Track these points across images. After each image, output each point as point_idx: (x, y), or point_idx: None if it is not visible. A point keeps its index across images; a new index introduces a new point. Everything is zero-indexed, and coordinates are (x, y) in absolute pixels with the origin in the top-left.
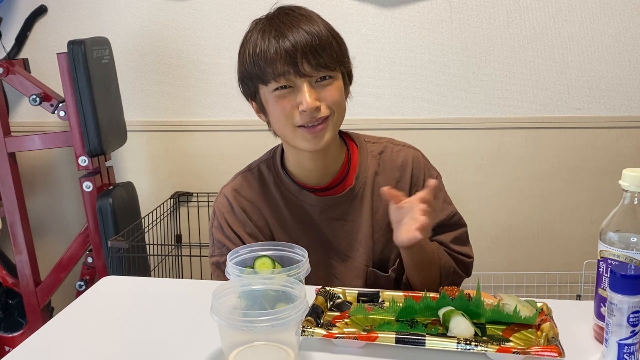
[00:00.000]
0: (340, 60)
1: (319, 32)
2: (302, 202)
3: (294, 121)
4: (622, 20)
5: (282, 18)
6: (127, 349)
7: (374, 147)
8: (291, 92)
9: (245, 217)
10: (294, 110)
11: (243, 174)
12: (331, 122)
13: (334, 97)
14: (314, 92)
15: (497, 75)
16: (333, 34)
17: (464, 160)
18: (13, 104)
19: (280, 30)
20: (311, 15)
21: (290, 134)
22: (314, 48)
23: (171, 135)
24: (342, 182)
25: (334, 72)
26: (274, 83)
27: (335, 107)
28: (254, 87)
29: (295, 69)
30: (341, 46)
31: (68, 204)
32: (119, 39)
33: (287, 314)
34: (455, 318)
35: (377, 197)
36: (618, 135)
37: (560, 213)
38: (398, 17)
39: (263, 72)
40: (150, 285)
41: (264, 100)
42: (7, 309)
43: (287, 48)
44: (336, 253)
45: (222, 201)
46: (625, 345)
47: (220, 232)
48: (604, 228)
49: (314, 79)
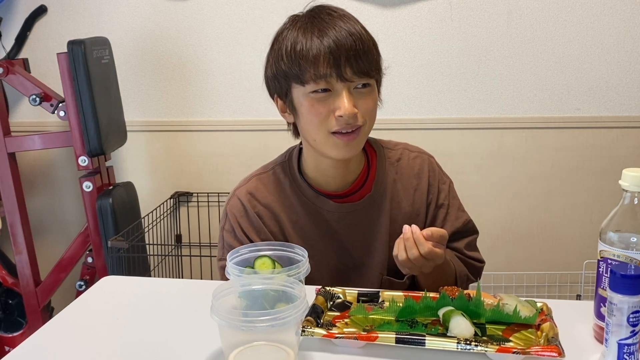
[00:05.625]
0: (378, 67)
1: (363, 37)
2: (319, 208)
3: (328, 126)
4: (622, 20)
5: (324, 17)
6: (127, 349)
7: (391, 153)
8: (329, 96)
9: (260, 222)
10: (329, 114)
11: (258, 176)
12: (362, 131)
13: (370, 107)
14: (352, 98)
15: (497, 75)
16: (373, 41)
17: (464, 160)
18: (13, 104)
19: (324, 30)
20: (352, 19)
21: (322, 139)
22: (357, 52)
23: (171, 135)
24: (360, 189)
25: (372, 80)
26: (312, 85)
27: (368, 117)
28: (287, 85)
29: (337, 72)
30: (379, 54)
31: (68, 204)
32: (119, 39)
33: (287, 314)
34: (455, 318)
35: (395, 205)
36: (618, 135)
37: (560, 213)
38: (398, 17)
39: (303, 71)
40: (150, 285)
41: (297, 101)
42: (7, 309)
43: (331, 49)
44: (351, 260)
45: (235, 204)
46: (625, 345)
47: (232, 236)
48: (604, 228)
49: (353, 84)
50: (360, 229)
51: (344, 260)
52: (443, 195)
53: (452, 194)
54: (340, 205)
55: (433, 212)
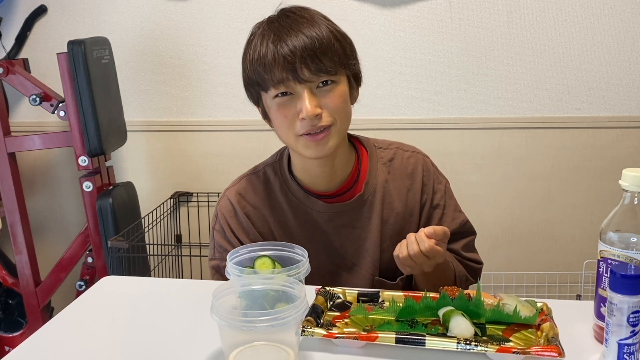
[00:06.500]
0: (343, 62)
1: (319, 35)
2: (309, 208)
3: (295, 130)
4: (622, 20)
5: (282, 21)
6: (127, 349)
7: (384, 153)
8: (291, 99)
9: (249, 223)
10: (295, 118)
11: (248, 176)
12: (334, 130)
13: (336, 104)
14: (314, 99)
15: (497, 75)
16: (336, 36)
17: (464, 160)
18: (13, 104)
19: (278, 35)
20: (313, 17)
21: (292, 142)
22: (314, 52)
23: (171, 135)
24: (351, 189)
25: (336, 77)
26: (273, 90)
27: (337, 115)
28: (257, 93)
29: (294, 75)
30: (345, 48)
31: (68, 204)
32: (119, 39)
33: (287, 314)
34: (455, 318)
35: (387, 205)
36: (618, 135)
37: (560, 213)
38: (398, 17)
39: (262, 78)
40: (150, 285)
41: (267, 106)
42: (7, 309)
43: (284, 54)
44: (342, 261)
45: (225, 204)
46: (625, 345)
47: (221, 236)
48: (604, 228)
49: (314, 84)
50: (350, 229)
51: (335, 261)
52: (439, 195)
53: (449, 194)
54: (330, 206)
55: (428, 212)
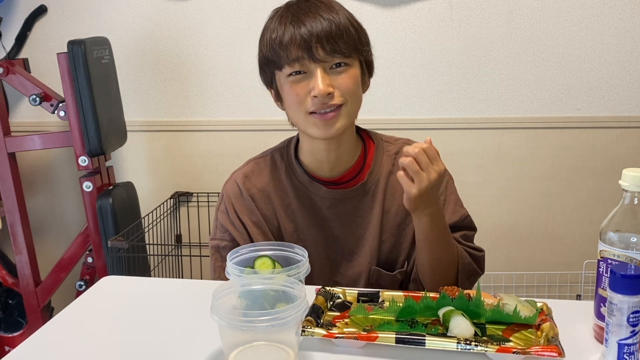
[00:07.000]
0: (357, 48)
1: (337, 19)
2: (312, 193)
3: (306, 107)
4: (622, 20)
5: (301, 4)
6: (127, 349)
7: (390, 147)
8: (305, 77)
9: (252, 204)
10: (306, 96)
11: (255, 160)
12: (344, 110)
13: (348, 85)
14: (327, 77)
15: (497, 75)
16: (352, 22)
17: (464, 160)
18: (13, 104)
19: (297, 17)
20: (331, 3)
21: (302, 121)
22: (330, 34)
23: (171, 135)
24: (355, 178)
25: (349, 60)
26: (288, 68)
27: (348, 96)
28: (271, 73)
29: (309, 54)
30: (360, 34)
31: (68, 204)
32: (119, 39)
33: (287, 314)
34: (455, 318)
35: (389, 197)
36: (618, 135)
37: (560, 213)
38: (398, 17)
39: (278, 57)
40: (150, 285)
41: (279, 86)
42: (7, 309)
43: (302, 33)
44: (342, 248)
45: (231, 185)
46: (625, 345)
47: (225, 217)
48: (604, 228)
49: (328, 64)
50: (351, 217)
51: (334, 248)
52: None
53: (451, 189)
54: (332, 191)
55: None
